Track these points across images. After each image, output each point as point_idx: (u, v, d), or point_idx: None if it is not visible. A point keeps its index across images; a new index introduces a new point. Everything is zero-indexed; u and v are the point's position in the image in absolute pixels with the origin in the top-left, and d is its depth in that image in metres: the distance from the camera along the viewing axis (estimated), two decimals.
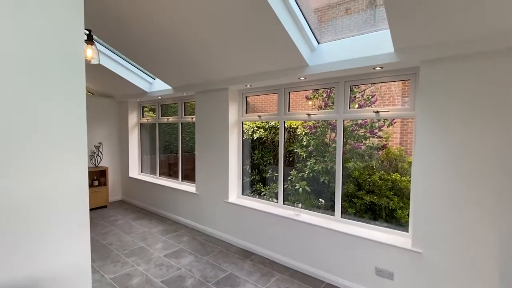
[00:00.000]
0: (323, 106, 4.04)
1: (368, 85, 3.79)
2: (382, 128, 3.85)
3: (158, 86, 4.64)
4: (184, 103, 4.72)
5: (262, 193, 4.46)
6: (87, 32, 2.05)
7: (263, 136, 4.58)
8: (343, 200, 3.05)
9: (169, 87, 4.41)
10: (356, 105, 3.80)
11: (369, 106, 3.46)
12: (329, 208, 3.70)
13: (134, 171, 5.75)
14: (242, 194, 3.91)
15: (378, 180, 3.78)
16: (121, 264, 3.08)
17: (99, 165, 5.40)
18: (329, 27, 2.89)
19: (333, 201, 3.06)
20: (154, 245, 3.59)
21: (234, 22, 2.42)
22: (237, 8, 2.24)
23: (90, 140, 5.37)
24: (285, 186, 4.34)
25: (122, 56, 4.26)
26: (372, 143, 4.01)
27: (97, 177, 5.34)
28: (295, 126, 4.36)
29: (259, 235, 3.40)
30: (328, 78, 2.94)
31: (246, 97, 3.84)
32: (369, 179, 3.87)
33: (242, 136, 3.92)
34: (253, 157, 4.70)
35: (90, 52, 2.07)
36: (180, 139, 4.80)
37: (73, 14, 1.57)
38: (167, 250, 3.44)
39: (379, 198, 3.68)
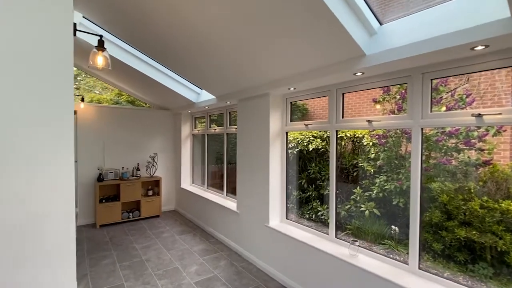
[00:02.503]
0: (396, 111, 3.14)
1: (460, 79, 2.76)
2: (484, 138, 2.72)
3: (205, 96, 4.48)
4: (230, 112, 4.43)
5: (319, 213, 3.77)
6: (98, 38, 1.88)
7: (320, 147, 3.90)
8: (425, 231, 2.14)
9: (213, 97, 4.18)
10: (443, 108, 2.78)
11: (463, 108, 2.45)
12: (404, 239, 2.83)
13: (186, 182, 5.75)
14: (286, 218, 3.29)
15: (478, 209, 2.67)
16: (150, 287, 2.85)
17: (154, 175, 5.57)
18: None
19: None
20: (189, 267, 3.28)
21: (267, 12, 1.92)
22: None
23: (146, 151, 5.61)
24: (347, 207, 3.54)
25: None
26: (469, 158, 2.89)
27: (152, 186, 5.51)
28: (360, 135, 3.56)
29: (304, 273, 2.72)
30: (396, 72, 2.14)
31: (291, 103, 3.26)
32: (464, 207, 2.78)
33: (287, 149, 3.33)
34: (309, 171, 4.06)
35: (100, 59, 1.89)
36: (225, 150, 4.51)
37: (60, 17, 1.35)
38: (200, 276, 3.08)
39: (480, 234, 2.59)
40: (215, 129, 4.82)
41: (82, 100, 4.72)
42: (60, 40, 1.39)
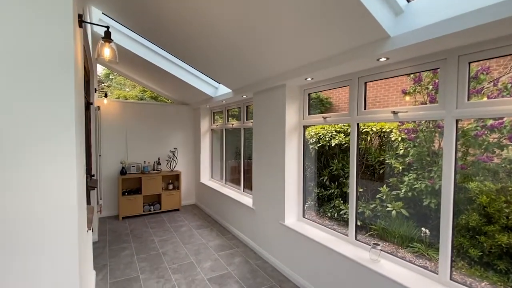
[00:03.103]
0: (428, 102, 2.84)
1: (504, 67, 2.42)
2: None
3: (222, 91, 4.41)
4: (247, 106, 4.31)
5: (342, 212, 3.57)
6: (105, 29, 1.85)
7: (343, 142, 3.68)
8: (460, 235, 1.91)
9: (230, 90, 4.09)
10: (484, 98, 2.46)
11: (509, 96, 2.13)
12: (436, 242, 2.59)
13: (205, 177, 5.77)
14: (303, 216, 3.13)
15: None
16: (164, 281, 2.86)
17: (174, 169, 5.65)
18: None
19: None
20: (204, 263, 3.25)
21: None
22: None
23: (167, 146, 5.69)
24: (372, 206, 3.31)
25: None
26: None
27: (172, 180, 5.59)
28: (387, 129, 3.29)
29: (321, 275, 2.55)
30: (426, 55, 1.88)
31: (309, 95, 3.06)
32: (507, 209, 2.47)
33: (305, 144, 3.15)
34: (331, 167, 3.85)
35: (107, 51, 1.86)
36: (242, 145, 4.42)
37: (60, 15, 1.31)
38: (214, 273, 3.03)
39: None
40: (232, 124, 4.75)
41: (106, 96, 4.88)
42: (57, 31, 1.35)
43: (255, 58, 2.74)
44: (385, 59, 2.00)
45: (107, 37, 1.85)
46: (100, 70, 11.24)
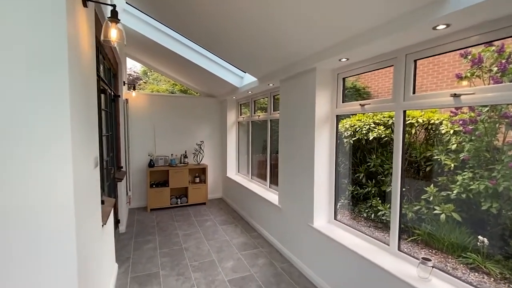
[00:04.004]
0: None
1: None
2: None
3: (248, 80, 4.15)
4: (274, 96, 4.00)
5: (380, 213, 3.17)
6: (111, 8, 1.68)
7: (383, 135, 3.24)
8: None
9: (255, 79, 3.82)
10: None
11: None
12: (496, 253, 2.13)
13: (232, 171, 5.60)
14: (335, 218, 2.77)
15: None
16: (183, 279, 2.73)
17: (201, 162, 5.57)
18: None
19: (508, 244, 1.50)
20: (226, 262, 3.07)
21: None
22: None
23: (194, 139, 5.62)
24: (416, 208, 2.89)
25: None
26: None
27: (199, 174, 5.52)
28: (436, 121, 2.81)
29: None
30: (497, 20, 1.41)
31: (343, 80, 2.66)
32: None
33: (337, 136, 2.76)
34: (368, 163, 3.44)
35: (114, 32, 1.69)
36: (268, 138, 4.13)
37: (53, 15, 1.15)
38: (235, 274, 2.83)
39: None
40: (259, 116, 4.47)
41: (134, 88, 4.91)
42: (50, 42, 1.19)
43: (280, 39, 2.42)
44: (445, 26, 1.55)
45: (114, 16, 1.68)
46: (139, 67, 11.64)
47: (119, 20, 1.72)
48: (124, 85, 4.64)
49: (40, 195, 1.22)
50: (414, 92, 1.98)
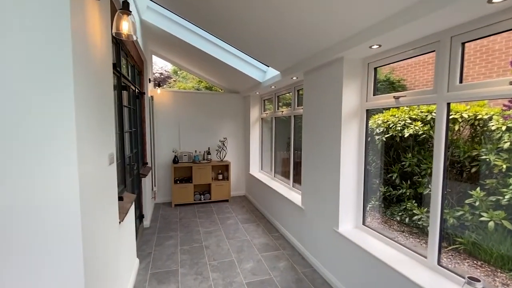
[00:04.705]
0: None
1: None
2: None
3: (271, 74, 3.97)
4: (298, 91, 3.79)
5: (416, 217, 2.88)
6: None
7: (420, 132, 2.92)
8: None
9: (278, 72, 3.63)
10: None
11: None
12: None
13: (255, 168, 5.49)
14: (363, 223, 2.52)
15: None
16: (201, 279, 2.67)
17: (224, 159, 5.52)
18: None
19: None
20: (245, 263, 2.96)
21: None
22: None
23: (217, 135, 5.59)
24: (458, 214, 2.59)
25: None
26: None
27: (222, 171, 5.48)
28: (485, 116, 2.46)
29: None
30: None
31: (375, 70, 2.39)
32: None
33: (367, 133, 2.50)
34: (403, 163, 3.14)
35: (126, 25, 1.62)
36: (292, 135, 3.94)
37: (56, 8, 1.10)
38: (254, 276, 2.71)
39: None
40: (282, 112, 4.29)
41: (159, 85, 4.98)
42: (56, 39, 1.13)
43: (303, 26, 2.21)
44: None
45: (125, 8, 1.62)
46: (170, 66, 11.94)
47: (131, 12, 1.65)
48: (149, 82, 4.71)
49: (43, 194, 1.18)
50: (461, 81, 1.68)
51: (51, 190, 1.19)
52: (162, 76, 12.00)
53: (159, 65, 12.20)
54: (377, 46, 2.04)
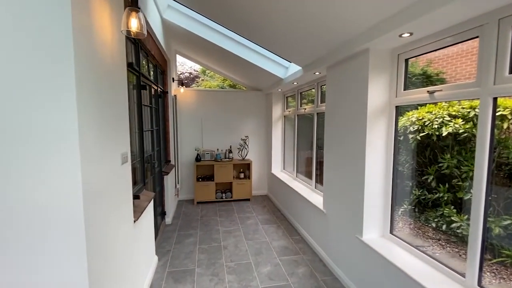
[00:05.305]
0: None
1: None
2: None
3: (293, 70, 3.81)
4: (321, 87, 3.58)
5: (454, 224, 2.58)
6: None
7: (461, 130, 2.61)
8: None
9: (299, 68, 3.46)
10: None
11: None
12: None
13: (277, 168, 5.36)
14: (391, 232, 2.29)
15: None
16: (217, 280, 2.62)
17: (245, 158, 5.46)
18: None
19: None
20: (262, 267, 2.87)
21: None
22: None
23: (239, 134, 5.54)
24: (505, 223, 2.27)
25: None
26: None
27: (243, 169, 5.43)
28: None
29: None
30: None
31: (406, 61, 2.14)
32: None
33: (396, 132, 2.26)
34: (440, 165, 2.84)
35: (135, 22, 1.58)
36: (314, 133, 3.75)
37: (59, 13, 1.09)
38: (271, 281, 2.60)
39: None
40: (304, 109, 4.10)
41: (182, 84, 5.04)
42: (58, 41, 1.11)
43: (325, 13, 2.04)
44: None
45: (133, 5, 1.58)
46: (198, 66, 12.17)
47: (139, 8, 1.61)
48: (173, 82, 4.78)
49: (46, 193, 1.18)
50: (511, 72, 1.41)
51: (53, 189, 1.18)
52: (191, 75, 12.27)
53: (188, 65, 12.50)
54: (408, 34, 1.81)
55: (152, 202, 2.79)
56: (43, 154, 1.17)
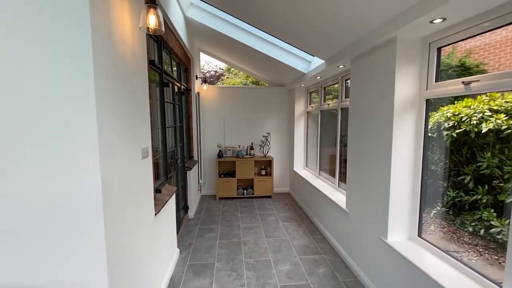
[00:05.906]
0: None
1: None
2: None
3: (316, 64, 3.69)
4: (345, 81, 3.43)
5: (493, 229, 2.36)
6: None
7: (504, 127, 2.37)
8: None
9: (322, 61, 3.34)
10: None
11: None
12: None
13: (299, 165, 5.26)
14: (419, 235, 2.13)
15: None
16: (235, 276, 2.63)
17: (267, 154, 5.42)
18: None
19: None
20: (282, 265, 2.83)
21: None
22: None
23: (260, 130, 5.51)
24: None
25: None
26: None
27: (265, 166, 5.40)
28: None
29: None
30: None
31: (438, 50, 1.96)
32: None
33: (426, 128, 2.09)
34: (479, 164, 2.61)
35: (153, 19, 1.61)
36: (338, 129, 3.60)
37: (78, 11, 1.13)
38: (290, 280, 2.55)
39: None
40: (328, 104, 3.96)
41: (205, 82, 5.11)
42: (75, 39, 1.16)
43: (348, 1, 1.93)
44: None
45: (151, 1, 1.61)
46: (223, 64, 12.33)
47: (157, 5, 1.63)
48: (196, 79, 4.86)
49: (65, 189, 1.23)
50: None
51: (73, 182, 1.24)
52: (216, 74, 12.46)
53: (214, 63, 12.70)
54: (441, 20, 1.65)
55: (174, 196, 2.86)
56: (64, 150, 1.22)
